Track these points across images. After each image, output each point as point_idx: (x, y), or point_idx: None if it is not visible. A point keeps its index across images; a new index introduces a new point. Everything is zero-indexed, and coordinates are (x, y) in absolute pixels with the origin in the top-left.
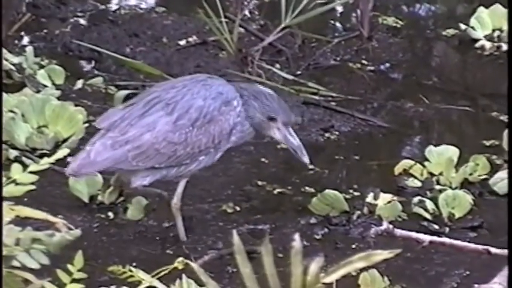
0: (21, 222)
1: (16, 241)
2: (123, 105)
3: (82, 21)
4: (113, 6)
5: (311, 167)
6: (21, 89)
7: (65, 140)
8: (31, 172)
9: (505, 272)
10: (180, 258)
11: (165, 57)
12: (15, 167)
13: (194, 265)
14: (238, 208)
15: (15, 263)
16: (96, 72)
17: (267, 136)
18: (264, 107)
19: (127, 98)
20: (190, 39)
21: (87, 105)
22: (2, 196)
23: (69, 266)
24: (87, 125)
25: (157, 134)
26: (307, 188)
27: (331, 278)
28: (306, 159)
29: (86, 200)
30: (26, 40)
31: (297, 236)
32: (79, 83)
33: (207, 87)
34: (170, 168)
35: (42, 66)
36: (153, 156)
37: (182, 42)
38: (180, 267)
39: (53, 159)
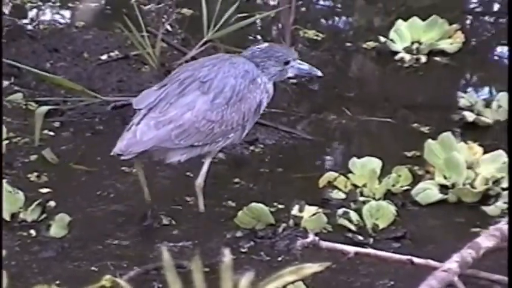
0: None
1: None
2: (157, 85)
3: None
4: (31, 21)
5: (236, 180)
6: None
7: None
8: None
9: (428, 282)
10: (108, 276)
11: (86, 72)
12: None
13: (122, 282)
14: (163, 223)
15: None
16: (15, 88)
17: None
18: (279, 58)
19: (48, 114)
20: (112, 53)
21: (7, 121)
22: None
23: None
24: (7, 141)
25: (197, 113)
26: (232, 201)
27: None
28: (319, 73)
29: (7, 218)
30: None
31: (227, 251)
32: None
33: (234, 66)
34: (205, 146)
35: None
36: (194, 134)
37: (104, 57)
38: (108, 284)
39: None
